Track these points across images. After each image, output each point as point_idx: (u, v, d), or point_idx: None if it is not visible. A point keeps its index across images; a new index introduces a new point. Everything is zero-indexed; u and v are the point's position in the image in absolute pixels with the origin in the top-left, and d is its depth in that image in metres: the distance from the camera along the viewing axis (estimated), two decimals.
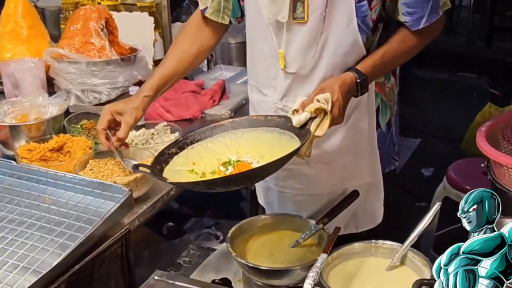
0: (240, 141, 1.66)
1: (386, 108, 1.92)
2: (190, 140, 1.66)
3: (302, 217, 1.80)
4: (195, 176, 1.55)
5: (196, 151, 1.64)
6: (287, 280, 1.59)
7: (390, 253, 1.62)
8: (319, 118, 1.54)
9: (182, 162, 1.60)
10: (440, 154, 4.73)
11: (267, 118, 1.67)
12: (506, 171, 1.64)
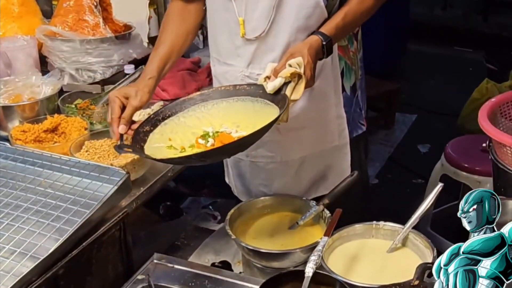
0: (212, 112, 1.64)
1: (351, 72, 1.92)
2: (162, 116, 1.64)
3: (302, 198, 1.78)
4: (174, 152, 1.54)
5: (170, 127, 1.62)
6: (287, 262, 1.58)
7: (391, 235, 1.61)
8: (293, 83, 1.54)
9: (158, 139, 1.59)
10: (436, 130, 4.72)
11: (236, 87, 1.66)
12: (509, 151, 1.62)
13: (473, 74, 5.42)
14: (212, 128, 1.59)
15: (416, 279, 1.27)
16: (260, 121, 1.49)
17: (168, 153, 1.54)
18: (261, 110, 1.58)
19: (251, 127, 1.53)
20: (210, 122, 1.62)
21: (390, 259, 1.57)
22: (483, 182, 2.81)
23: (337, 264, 1.52)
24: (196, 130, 1.60)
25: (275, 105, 1.54)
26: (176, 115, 1.65)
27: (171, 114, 1.65)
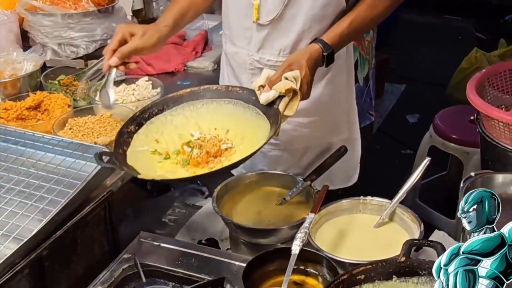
0: (201, 112, 1.58)
1: (364, 62, 1.88)
2: (148, 114, 1.55)
3: (289, 174, 1.76)
4: (158, 158, 1.49)
5: (155, 127, 1.55)
6: (274, 239, 1.57)
7: (379, 210, 1.60)
8: (288, 98, 1.48)
9: (143, 141, 1.51)
10: (425, 100, 4.71)
11: (228, 89, 1.60)
12: (497, 125, 1.61)
13: (463, 43, 5.40)
14: (199, 132, 1.54)
15: (403, 255, 1.27)
16: (250, 133, 1.47)
17: (151, 160, 1.47)
18: (251, 120, 1.53)
19: (240, 137, 1.50)
20: (198, 123, 1.56)
21: (378, 234, 1.56)
22: (471, 153, 2.81)
23: (324, 241, 1.52)
24: (183, 131, 1.55)
25: (266, 118, 1.49)
26: (163, 113, 1.57)
27: (158, 112, 1.57)
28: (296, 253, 1.35)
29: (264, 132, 1.46)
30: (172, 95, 1.60)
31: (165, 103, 1.58)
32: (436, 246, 1.27)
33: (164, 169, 1.46)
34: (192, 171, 1.43)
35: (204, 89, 1.61)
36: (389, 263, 1.27)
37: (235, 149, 1.50)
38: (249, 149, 1.44)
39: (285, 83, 1.48)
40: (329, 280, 1.32)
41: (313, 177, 1.69)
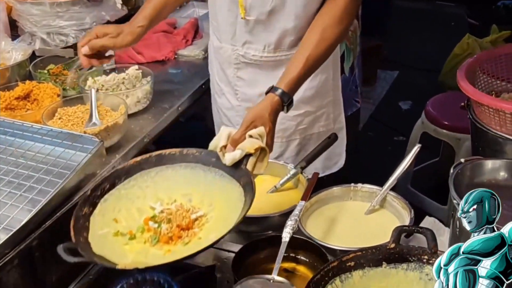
0: (156, 181, 1.46)
1: (350, 53, 1.88)
2: (100, 191, 1.40)
3: (280, 162, 1.76)
4: (123, 239, 1.34)
5: (111, 204, 1.40)
6: (265, 226, 1.56)
7: (369, 197, 1.61)
8: (255, 157, 1.42)
9: (101, 222, 1.36)
10: (418, 87, 4.71)
11: (183, 152, 1.49)
12: (487, 111, 1.61)
13: (455, 29, 5.39)
14: (160, 203, 1.42)
15: (392, 242, 1.27)
16: (218, 197, 1.40)
17: (117, 243, 1.33)
18: (216, 183, 1.44)
19: (207, 203, 1.41)
20: (156, 194, 1.44)
21: (368, 221, 1.57)
22: (463, 140, 2.82)
23: (315, 228, 1.52)
24: (141, 205, 1.42)
25: (233, 179, 1.42)
26: (116, 187, 1.42)
27: (110, 187, 1.42)
28: (286, 240, 1.35)
29: (235, 194, 1.38)
30: (122, 166, 1.46)
31: (116, 176, 1.43)
32: (425, 233, 1.27)
33: (134, 251, 1.32)
34: (166, 249, 1.31)
35: (156, 156, 1.49)
36: (379, 250, 1.27)
37: (206, 217, 1.39)
38: (225, 215, 1.36)
39: (253, 142, 1.41)
40: (319, 267, 1.32)
41: (303, 164, 1.69)
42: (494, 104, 1.56)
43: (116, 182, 1.42)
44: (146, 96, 2.00)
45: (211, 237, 1.31)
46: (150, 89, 2.02)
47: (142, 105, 1.99)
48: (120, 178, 1.43)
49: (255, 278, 1.31)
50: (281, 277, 1.29)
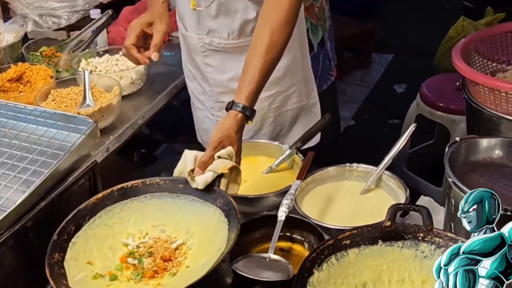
0: (122, 216, 1.40)
1: (317, 29, 1.87)
2: (66, 235, 1.32)
3: (275, 142, 1.76)
4: (104, 282, 1.27)
5: (81, 247, 1.32)
6: (261, 207, 1.56)
7: (365, 176, 1.61)
8: (226, 177, 1.39)
9: (76, 267, 1.28)
10: (412, 70, 4.70)
11: (146, 183, 1.44)
12: (482, 90, 1.60)
13: (450, 11, 5.36)
14: (132, 239, 1.37)
15: (388, 220, 1.27)
16: (194, 223, 1.36)
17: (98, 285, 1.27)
18: (188, 209, 1.40)
19: (183, 231, 1.37)
20: (126, 229, 1.39)
21: (364, 200, 1.57)
22: (458, 121, 2.82)
23: (310, 207, 1.52)
24: (112, 243, 1.36)
25: (207, 202, 1.38)
26: (82, 229, 1.35)
27: (76, 229, 1.34)
28: (282, 219, 1.35)
29: (213, 217, 1.35)
30: (84, 205, 1.38)
31: (80, 217, 1.36)
32: (421, 210, 1.27)
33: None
34: (155, 284, 1.26)
35: (118, 190, 1.42)
36: (375, 228, 1.27)
37: (187, 245, 1.35)
38: (208, 239, 1.32)
39: (225, 162, 1.38)
40: (315, 246, 1.32)
41: (298, 145, 1.68)
42: (489, 83, 1.56)
43: (81, 223, 1.35)
44: (140, 78, 1.99)
45: (201, 263, 1.27)
46: (144, 71, 2.01)
47: (136, 87, 1.98)
48: (84, 219, 1.36)
49: (251, 257, 1.31)
50: (277, 256, 1.30)
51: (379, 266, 1.24)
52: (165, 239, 1.37)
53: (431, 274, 1.21)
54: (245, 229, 1.41)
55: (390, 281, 1.23)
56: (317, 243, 1.34)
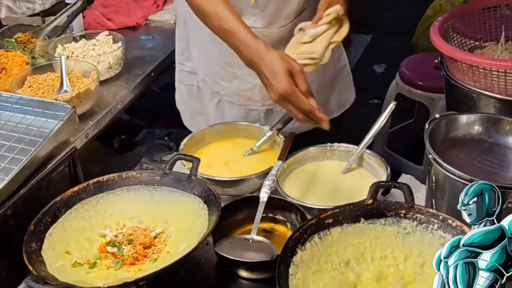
0: (99, 209, 1.40)
1: None
2: (43, 226, 1.32)
3: (256, 124, 1.75)
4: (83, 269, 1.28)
5: (58, 238, 1.32)
6: (243, 188, 1.56)
7: (346, 156, 1.61)
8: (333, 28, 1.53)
9: (54, 256, 1.28)
10: (391, 50, 4.71)
11: (122, 176, 1.44)
12: (460, 66, 1.60)
13: None
14: (109, 230, 1.38)
15: (370, 198, 1.27)
16: (172, 212, 1.37)
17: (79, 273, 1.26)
18: (165, 200, 1.41)
19: (161, 220, 1.38)
20: (102, 221, 1.39)
21: (345, 180, 1.57)
22: (437, 99, 2.83)
23: (292, 188, 1.52)
24: (89, 235, 1.36)
25: (185, 192, 1.39)
26: (58, 220, 1.35)
27: (53, 221, 1.34)
28: (264, 200, 1.35)
29: (191, 205, 1.36)
30: (60, 198, 1.38)
31: (56, 209, 1.36)
32: (402, 187, 1.28)
33: (102, 278, 1.26)
34: (136, 270, 1.27)
35: (94, 184, 1.42)
36: (357, 206, 1.28)
37: (166, 233, 1.36)
38: (188, 227, 1.33)
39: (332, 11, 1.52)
40: (298, 226, 1.33)
41: (279, 126, 1.68)
42: (467, 59, 1.56)
43: (57, 215, 1.35)
44: (117, 62, 1.97)
45: (182, 248, 1.27)
46: (122, 55, 1.98)
47: (114, 71, 1.96)
48: (60, 211, 1.36)
49: (234, 238, 1.31)
50: (260, 237, 1.30)
51: (362, 244, 1.25)
52: (144, 228, 1.37)
53: (413, 250, 1.24)
54: (227, 212, 1.41)
55: (373, 258, 1.24)
56: (300, 223, 1.34)
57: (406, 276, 1.20)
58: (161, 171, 1.44)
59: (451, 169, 1.30)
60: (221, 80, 1.82)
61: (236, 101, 1.85)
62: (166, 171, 1.43)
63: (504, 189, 1.23)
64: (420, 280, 1.19)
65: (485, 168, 1.39)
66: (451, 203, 1.34)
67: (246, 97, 1.83)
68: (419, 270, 1.21)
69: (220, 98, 1.87)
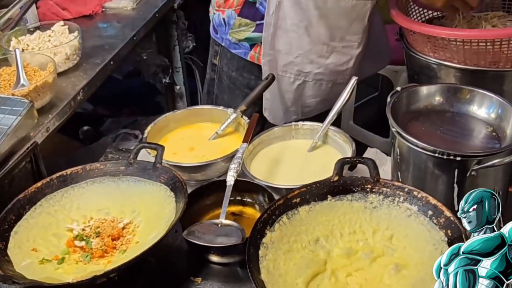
0: (64, 203, 1.38)
1: None
2: (7, 224, 1.30)
3: (219, 107, 1.74)
4: (51, 266, 1.26)
5: (24, 236, 1.30)
6: (210, 173, 1.55)
7: (311, 134, 1.61)
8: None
9: (21, 255, 1.26)
10: None
11: (86, 168, 1.42)
12: (420, 38, 1.61)
13: None
14: (76, 223, 1.36)
15: (336, 174, 1.28)
16: (139, 201, 1.36)
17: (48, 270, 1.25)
18: (132, 190, 1.40)
19: (129, 210, 1.37)
20: (69, 216, 1.37)
21: (312, 157, 1.57)
22: (400, 71, 2.85)
23: (259, 169, 1.52)
24: (56, 230, 1.34)
25: (151, 180, 1.38)
26: (23, 218, 1.32)
27: (17, 219, 1.32)
28: (231, 184, 1.35)
29: (158, 193, 1.36)
30: (23, 195, 1.35)
31: (20, 206, 1.33)
32: (367, 162, 1.29)
33: (71, 273, 1.24)
34: (105, 262, 1.26)
35: (57, 178, 1.40)
36: (323, 184, 1.28)
37: (134, 223, 1.36)
38: (156, 215, 1.33)
39: None
40: (266, 208, 1.32)
41: (243, 108, 1.67)
42: (426, 31, 1.56)
43: (21, 212, 1.33)
44: (75, 53, 1.92)
45: (151, 237, 1.26)
46: (79, 45, 1.94)
47: (72, 62, 1.92)
48: (24, 208, 1.33)
49: (203, 224, 1.31)
50: (229, 220, 1.30)
51: (330, 221, 1.26)
52: (111, 220, 1.36)
53: (381, 223, 1.25)
54: (195, 197, 1.40)
55: (342, 234, 1.25)
56: (268, 204, 1.34)
57: (376, 250, 1.22)
58: (126, 161, 1.43)
59: (414, 141, 1.31)
60: (319, 58, 1.84)
61: (327, 77, 1.88)
62: (130, 161, 1.42)
63: (466, 158, 1.26)
64: (389, 252, 1.21)
65: (448, 138, 1.41)
66: (416, 174, 1.35)
67: (339, 72, 1.88)
68: (387, 243, 1.22)
69: (305, 79, 1.88)
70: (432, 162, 1.30)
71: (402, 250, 1.20)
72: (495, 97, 1.41)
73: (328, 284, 1.16)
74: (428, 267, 1.12)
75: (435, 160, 1.28)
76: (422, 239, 1.18)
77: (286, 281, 1.14)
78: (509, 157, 1.24)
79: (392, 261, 1.18)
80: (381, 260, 1.20)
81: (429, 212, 1.19)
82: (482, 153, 1.27)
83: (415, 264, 1.16)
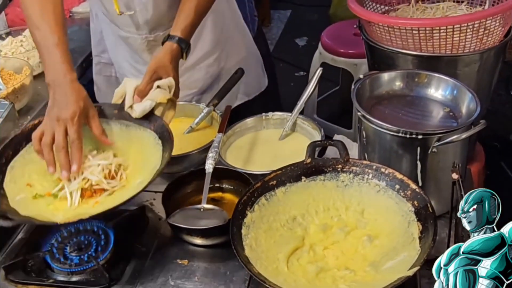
0: None
1: None
2: (5, 159, 1.37)
3: (192, 102, 1.81)
4: (44, 201, 1.34)
5: (19, 171, 1.38)
6: (187, 165, 1.61)
7: (281, 123, 1.70)
8: (162, 106, 1.46)
9: (15, 189, 1.34)
10: (311, 22, 4.84)
11: None
12: (378, 29, 1.71)
13: None
14: None
15: (308, 157, 1.37)
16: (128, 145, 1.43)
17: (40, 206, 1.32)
18: (122, 133, 1.46)
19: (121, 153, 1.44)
20: None
21: (283, 145, 1.66)
22: (359, 64, 2.96)
23: (234, 159, 1.60)
24: None
25: (141, 126, 1.45)
26: (19, 153, 1.39)
27: (14, 154, 1.39)
28: (210, 171, 1.41)
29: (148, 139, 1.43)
30: (20, 132, 1.42)
31: (17, 142, 1.40)
32: (337, 144, 1.38)
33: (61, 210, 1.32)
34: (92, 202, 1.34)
35: None
36: (297, 166, 1.37)
37: (127, 163, 1.43)
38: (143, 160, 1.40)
39: (163, 93, 1.44)
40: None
41: (215, 102, 1.74)
42: (383, 21, 1.66)
43: (18, 148, 1.39)
44: None
45: (137, 182, 1.34)
46: None
47: None
48: (21, 144, 1.39)
49: (186, 209, 1.37)
50: (210, 205, 1.37)
51: (306, 200, 1.35)
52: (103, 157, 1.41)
53: (353, 200, 1.34)
54: (176, 186, 1.47)
55: (317, 211, 1.33)
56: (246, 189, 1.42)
57: (349, 224, 1.31)
58: (120, 105, 1.47)
59: (379, 123, 1.39)
60: (130, 76, 1.86)
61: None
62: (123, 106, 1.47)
63: (428, 136, 1.35)
64: (361, 225, 1.30)
65: (409, 120, 1.49)
66: (382, 154, 1.44)
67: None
68: (359, 217, 1.31)
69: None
70: (396, 142, 1.38)
71: (373, 223, 1.29)
72: (451, 80, 1.50)
73: (307, 257, 1.24)
74: (399, 236, 1.23)
75: (399, 139, 1.37)
76: (391, 211, 1.27)
77: (269, 256, 1.23)
78: (466, 133, 1.33)
79: (365, 233, 1.28)
80: (355, 233, 1.29)
81: (396, 186, 1.29)
82: (441, 130, 1.35)
83: (386, 234, 1.25)
